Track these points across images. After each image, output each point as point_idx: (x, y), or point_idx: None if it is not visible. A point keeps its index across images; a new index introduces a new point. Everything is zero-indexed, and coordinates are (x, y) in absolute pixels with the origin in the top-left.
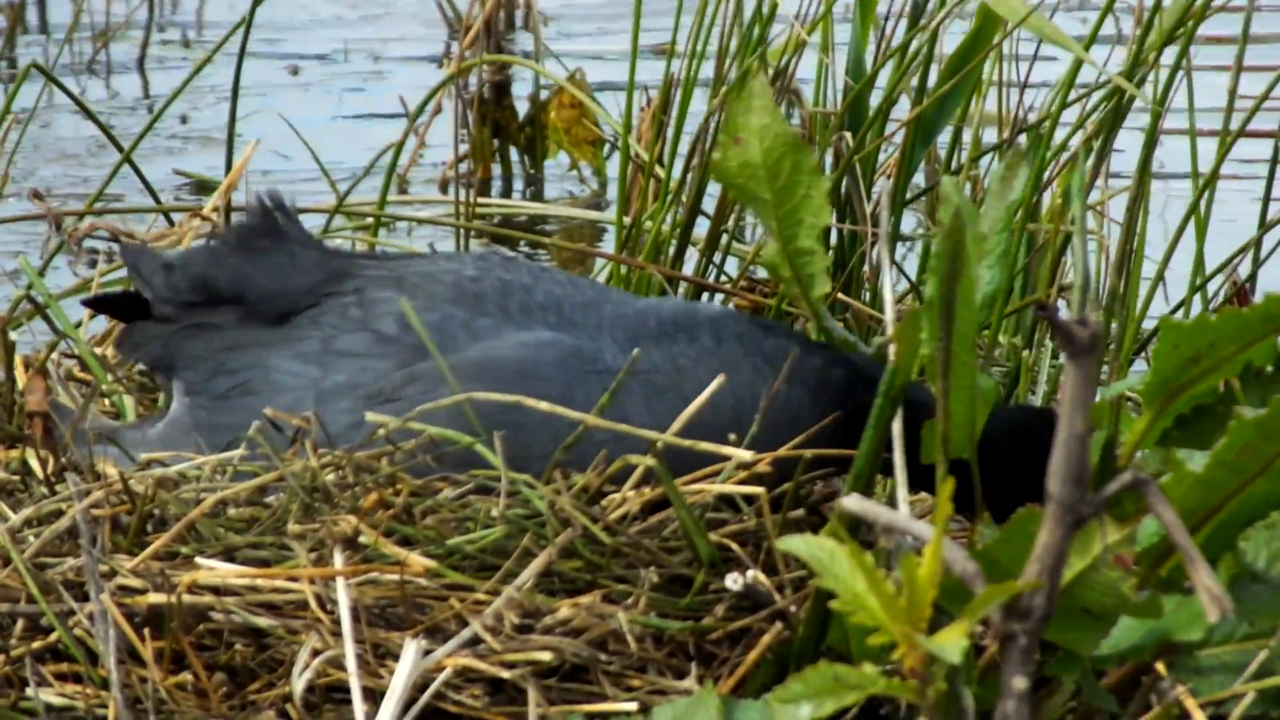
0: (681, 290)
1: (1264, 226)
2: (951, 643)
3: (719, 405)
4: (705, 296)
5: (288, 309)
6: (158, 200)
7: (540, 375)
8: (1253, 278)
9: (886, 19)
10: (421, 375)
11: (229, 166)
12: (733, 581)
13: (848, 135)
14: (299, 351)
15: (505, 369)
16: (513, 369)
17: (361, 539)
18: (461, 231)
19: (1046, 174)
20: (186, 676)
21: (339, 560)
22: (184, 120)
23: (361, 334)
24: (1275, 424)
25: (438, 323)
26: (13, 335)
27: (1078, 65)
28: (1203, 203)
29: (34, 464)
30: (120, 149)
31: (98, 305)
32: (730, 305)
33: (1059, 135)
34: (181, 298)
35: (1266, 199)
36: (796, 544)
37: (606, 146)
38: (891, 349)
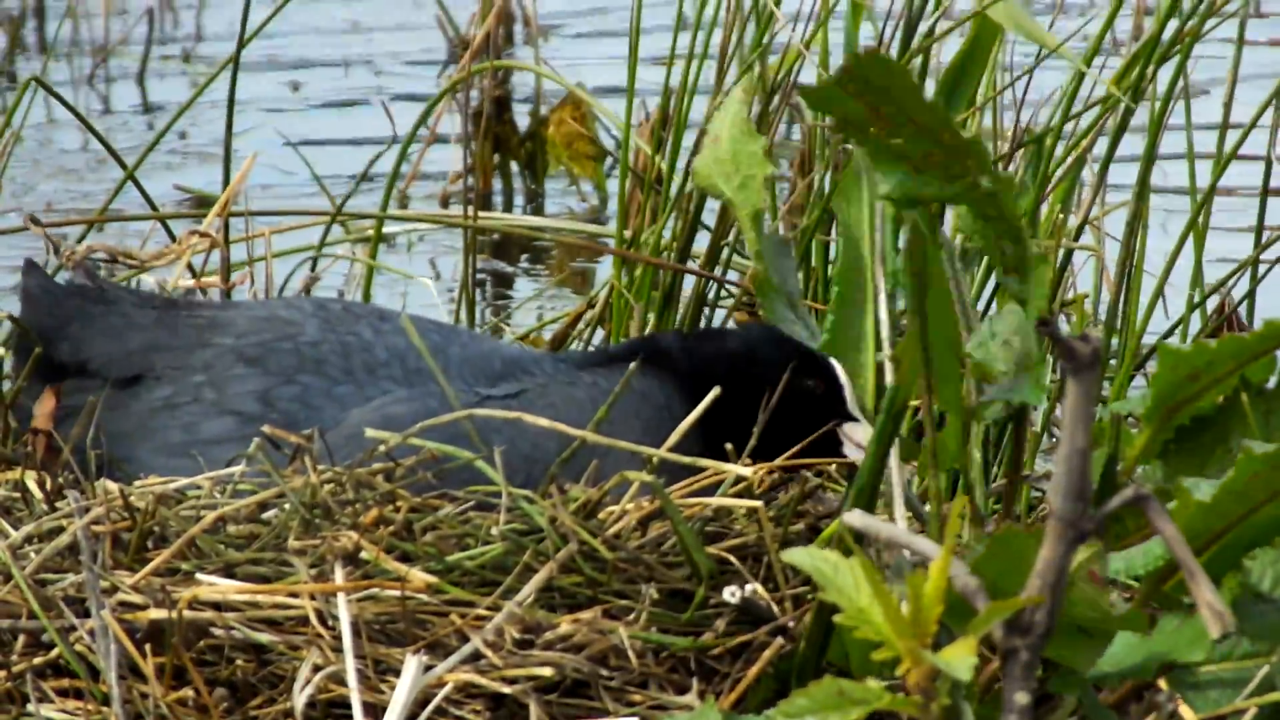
0: (688, 287)
1: (1260, 245)
2: (961, 659)
3: (575, 420)
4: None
5: (129, 373)
6: (166, 225)
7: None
8: (1251, 295)
9: (886, 20)
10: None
11: (225, 181)
12: (730, 595)
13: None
14: (163, 443)
15: (406, 425)
16: (413, 424)
17: (362, 555)
18: (466, 241)
19: (1046, 188)
20: (188, 692)
21: (340, 576)
22: (183, 136)
23: (223, 418)
24: None
25: (299, 395)
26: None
27: (1078, 78)
28: (1200, 218)
29: (31, 485)
30: (124, 166)
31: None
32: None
33: (1059, 148)
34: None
35: (1261, 216)
36: (799, 556)
37: (607, 162)
38: (890, 367)
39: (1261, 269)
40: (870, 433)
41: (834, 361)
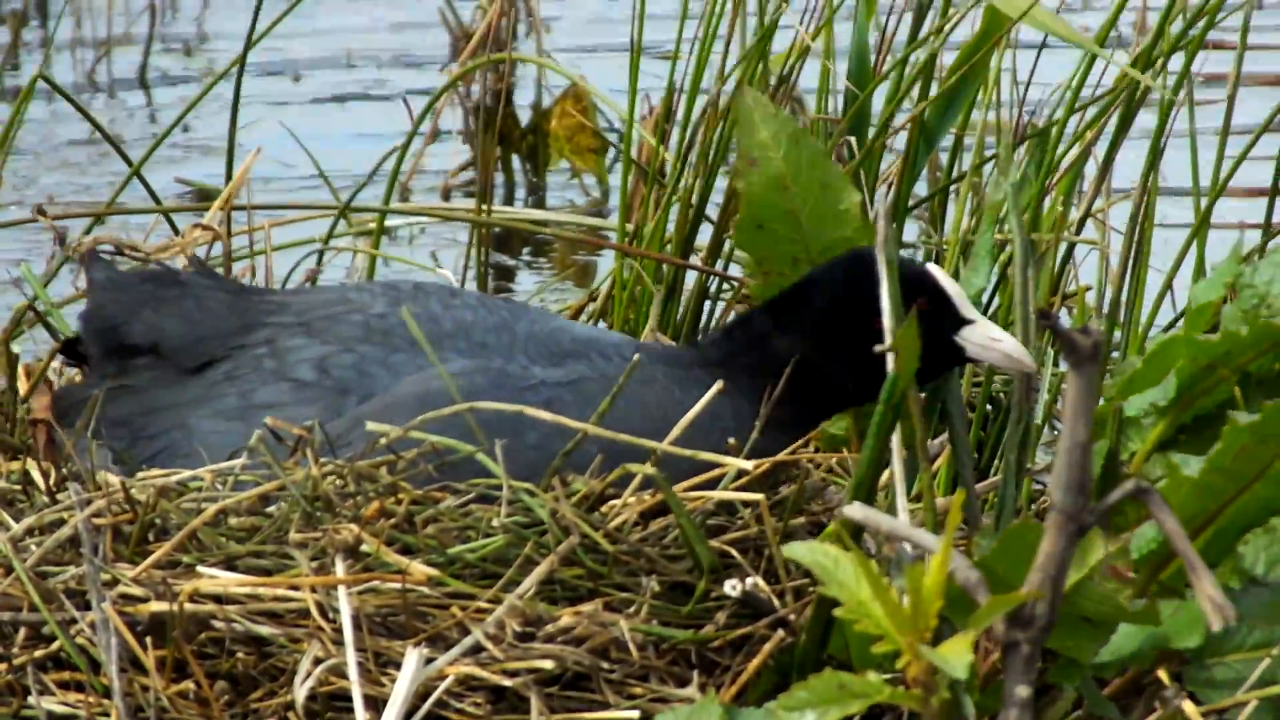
0: (690, 283)
1: (1267, 235)
2: (957, 656)
3: (646, 414)
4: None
5: (204, 359)
6: (169, 219)
7: (480, 400)
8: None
9: (888, 14)
10: (363, 417)
11: (228, 175)
12: (731, 588)
13: (851, 140)
14: (217, 410)
15: (445, 399)
16: (451, 400)
17: (363, 547)
18: (471, 232)
19: (1049, 180)
20: (188, 685)
21: (340, 569)
22: (185, 129)
23: (279, 384)
24: (1270, 429)
25: (354, 364)
26: (14, 345)
27: (1086, 67)
28: (1206, 214)
29: (35, 474)
30: (129, 162)
31: (67, 350)
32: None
33: (1064, 141)
34: (96, 352)
35: (1270, 207)
36: (800, 551)
37: (609, 154)
38: (890, 357)
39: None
40: (992, 327)
41: (933, 268)
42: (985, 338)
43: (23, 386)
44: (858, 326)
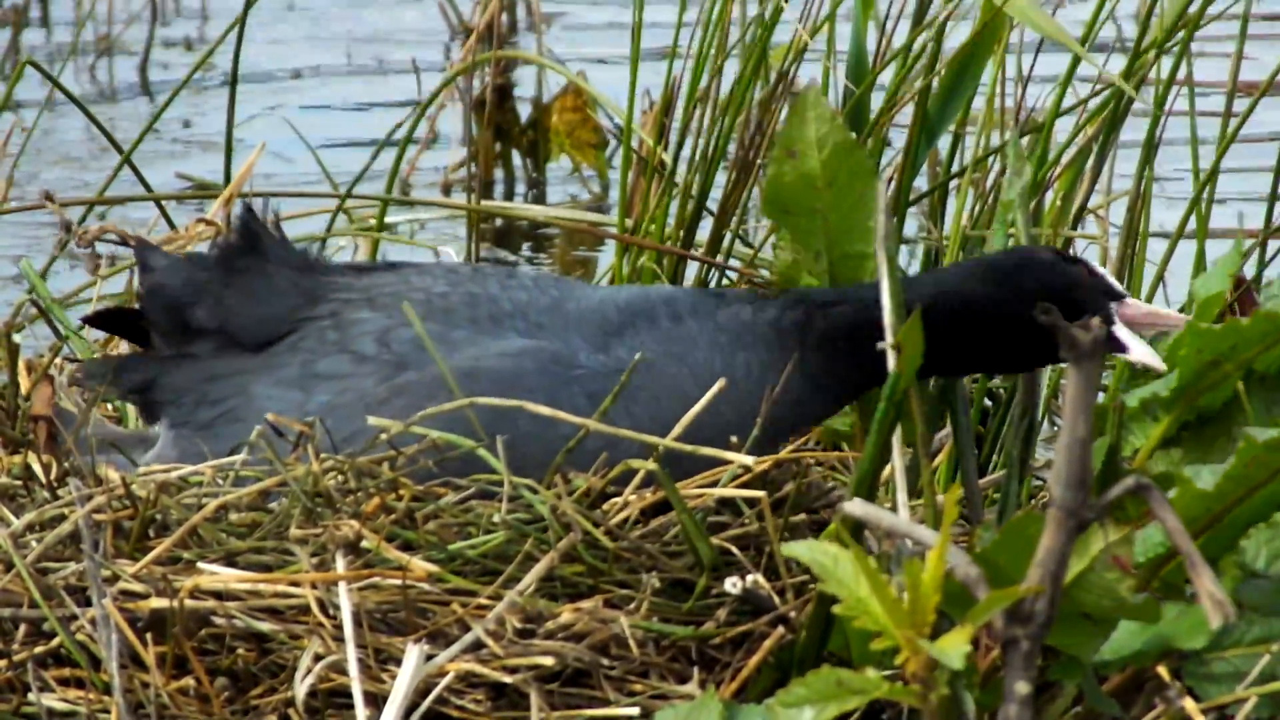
0: (691, 274)
1: (1267, 230)
2: (954, 648)
3: (686, 393)
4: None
5: (267, 337)
6: (161, 206)
7: (525, 385)
8: (1258, 278)
9: (887, 18)
10: (406, 389)
11: (227, 170)
12: (732, 585)
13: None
14: (279, 378)
15: (489, 378)
16: (496, 378)
17: (364, 544)
18: (472, 228)
19: (1048, 176)
20: (189, 681)
21: (341, 565)
22: (187, 124)
23: (340, 355)
24: None
25: (413, 338)
26: (16, 338)
27: (1075, 65)
28: (1203, 206)
29: (36, 469)
30: (119, 149)
31: (96, 321)
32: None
33: (1062, 137)
34: (161, 328)
35: (1272, 199)
36: (799, 549)
37: (609, 149)
38: (891, 354)
39: (1269, 251)
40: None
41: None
42: (1142, 312)
43: (24, 381)
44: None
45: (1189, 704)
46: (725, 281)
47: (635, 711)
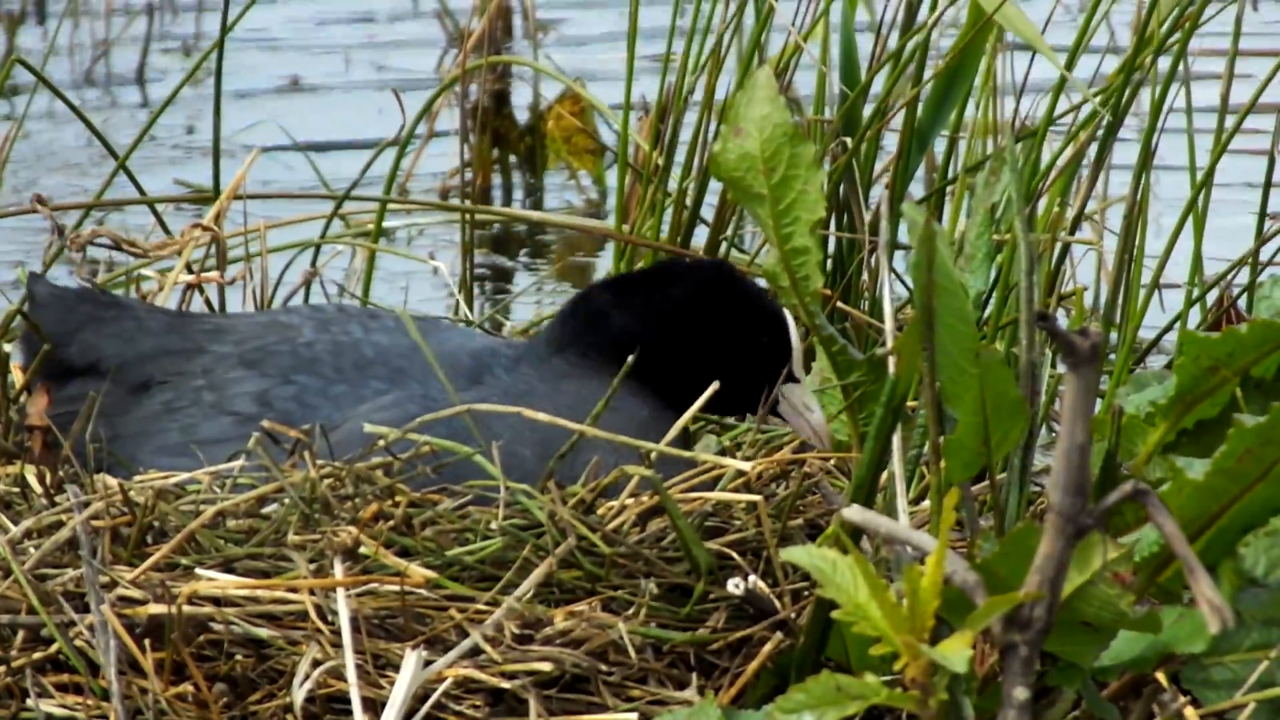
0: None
1: (1260, 239)
2: (956, 652)
3: (540, 428)
4: None
5: (142, 379)
6: (154, 210)
7: (420, 429)
8: (1250, 288)
9: (881, 24)
10: (322, 451)
11: (215, 176)
12: (734, 586)
13: (846, 140)
14: (160, 445)
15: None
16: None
17: (361, 550)
18: (466, 231)
19: (1042, 183)
20: (187, 687)
21: (339, 571)
22: (190, 130)
23: (220, 419)
24: (1275, 430)
25: (295, 395)
26: (8, 347)
27: (1062, 72)
28: (1200, 208)
29: (31, 480)
30: (114, 154)
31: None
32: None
33: (1057, 141)
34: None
35: (1263, 210)
36: (798, 554)
37: (606, 156)
38: (891, 360)
39: (1260, 260)
40: (809, 395)
41: (789, 315)
42: (800, 402)
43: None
44: (710, 336)
45: (1188, 710)
46: None
47: (633, 717)
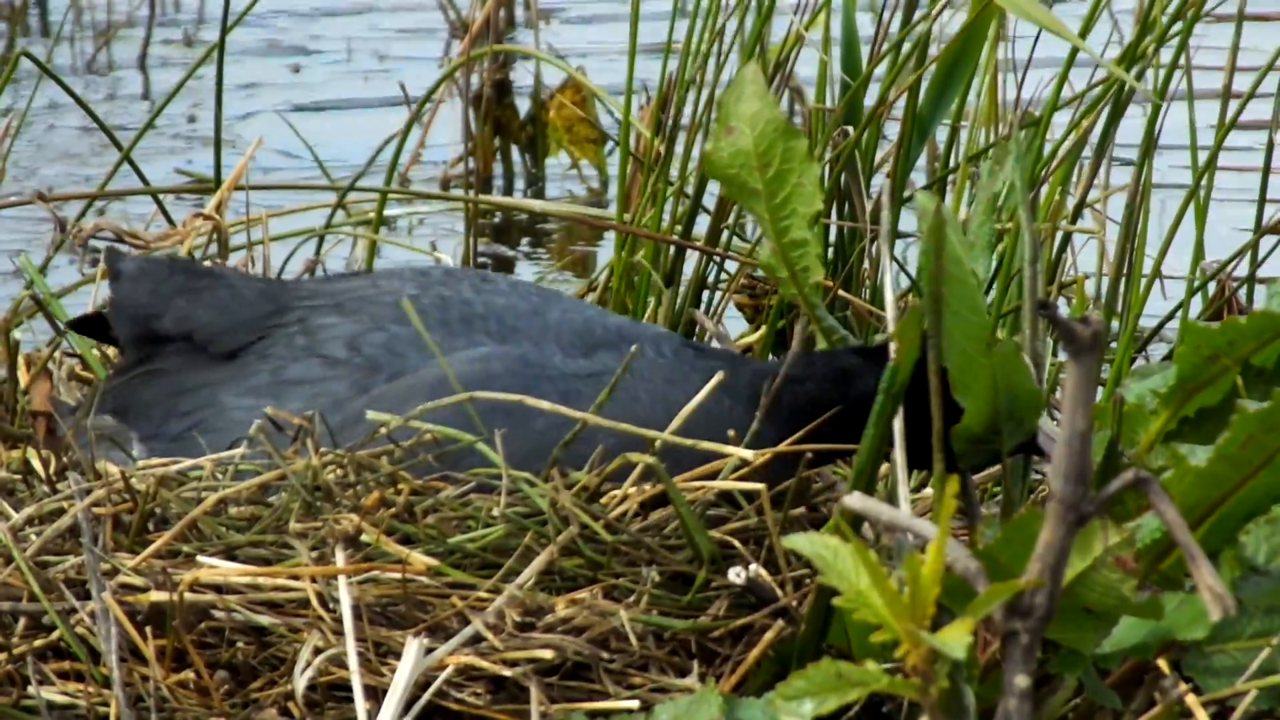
0: (688, 267)
1: (1260, 230)
2: (956, 639)
3: (655, 413)
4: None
5: (237, 345)
6: (157, 199)
7: (494, 389)
8: (1251, 278)
9: (884, 8)
10: (379, 399)
11: (217, 166)
12: (736, 575)
13: (849, 129)
14: (249, 386)
15: (460, 385)
16: (464, 385)
17: (363, 537)
18: (469, 223)
19: (1044, 170)
20: (188, 674)
21: (341, 559)
22: (192, 120)
23: (309, 360)
24: (1277, 417)
25: (385, 342)
26: (14, 334)
27: (1072, 57)
28: (1202, 198)
29: (35, 463)
30: (119, 146)
31: (78, 326)
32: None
33: (1059, 129)
34: (127, 338)
35: (1262, 200)
36: (800, 542)
37: (608, 145)
38: (892, 347)
39: (1262, 252)
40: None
41: None
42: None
43: (23, 376)
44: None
45: (1190, 697)
46: (724, 274)
47: (635, 705)
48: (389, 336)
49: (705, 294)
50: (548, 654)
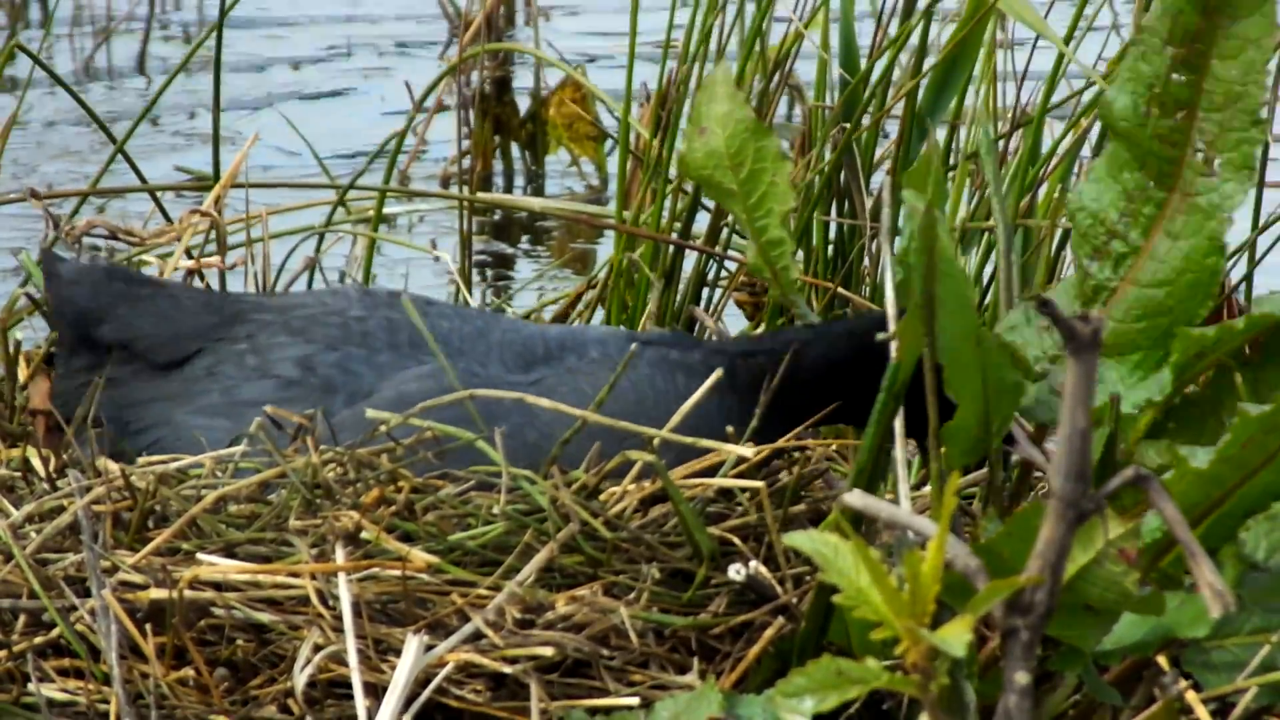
0: (688, 264)
1: (1257, 228)
2: (955, 636)
3: (624, 400)
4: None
5: (179, 355)
6: (154, 196)
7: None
8: (1248, 278)
9: (883, 10)
10: (344, 423)
11: (215, 162)
12: (735, 572)
13: (847, 126)
14: (201, 406)
15: (412, 404)
16: (420, 401)
17: (363, 535)
18: (464, 220)
19: (1043, 169)
20: (188, 672)
21: (340, 556)
22: (191, 117)
23: (263, 382)
24: (1278, 419)
25: (339, 361)
26: (13, 333)
27: (1063, 56)
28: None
29: (35, 461)
30: (113, 139)
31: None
32: (616, 328)
33: (1058, 127)
34: (67, 345)
35: (1259, 199)
36: (800, 539)
37: (608, 143)
38: (893, 345)
39: (1259, 251)
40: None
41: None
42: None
43: (22, 374)
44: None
45: (1190, 694)
46: (724, 273)
47: (635, 701)
48: (342, 355)
49: (705, 291)
50: (548, 651)
